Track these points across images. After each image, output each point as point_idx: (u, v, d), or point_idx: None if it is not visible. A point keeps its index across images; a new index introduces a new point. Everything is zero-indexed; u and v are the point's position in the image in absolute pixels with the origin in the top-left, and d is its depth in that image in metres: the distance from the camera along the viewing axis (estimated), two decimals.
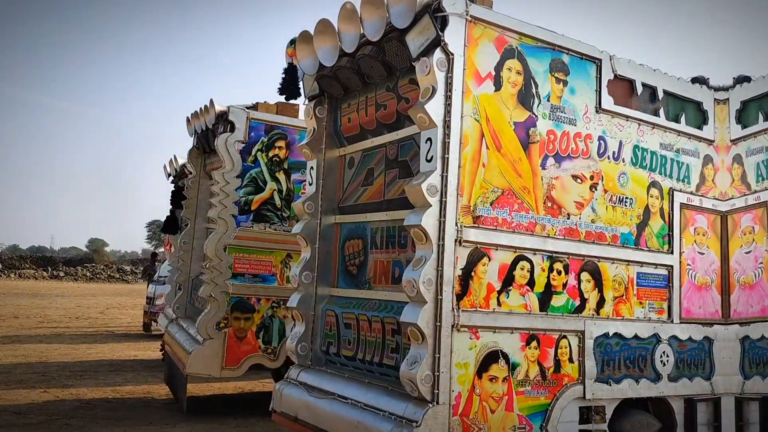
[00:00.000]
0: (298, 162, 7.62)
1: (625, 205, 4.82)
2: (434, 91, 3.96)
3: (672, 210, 5.05)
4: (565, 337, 4.40)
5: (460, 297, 3.96)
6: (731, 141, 5.39)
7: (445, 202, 3.92)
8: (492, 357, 4.07)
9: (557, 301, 4.40)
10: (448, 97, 3.99)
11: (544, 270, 4.35)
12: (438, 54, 3.98)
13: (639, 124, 4.96)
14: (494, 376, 4.07)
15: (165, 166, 11.64)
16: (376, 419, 4.03)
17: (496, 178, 4.19)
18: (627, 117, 4.89)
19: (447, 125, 3.97)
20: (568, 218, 4.49)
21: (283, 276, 7.56)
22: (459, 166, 4.00)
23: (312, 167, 5.29)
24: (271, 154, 7.50)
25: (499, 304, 4.13)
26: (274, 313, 7.50)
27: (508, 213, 4.23)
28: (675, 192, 5.07)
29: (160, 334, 15.12)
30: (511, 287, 4.20)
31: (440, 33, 3.97)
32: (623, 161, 4.84)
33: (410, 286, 3.87)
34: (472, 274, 4.03)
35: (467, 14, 4.10)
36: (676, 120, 5.19)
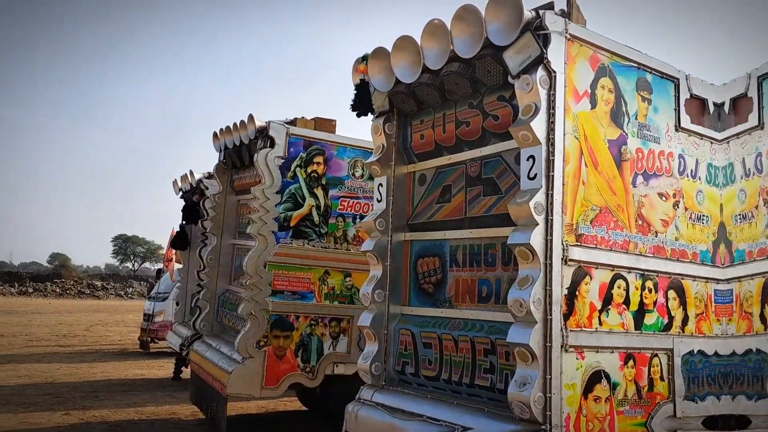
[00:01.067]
0: (335, 178, 7.52)
1: (703, 223, 4.81)
2: (537, 108, 3.91)
3: None
4: (656, 355, 4.37)
5: (566, 317, 3.89)
6: None
7: (551, 220, 3.85)
8: (596, 377, 4.01)
9: (649, 319, 4.36)
10: (551, 115, 3.94)
11: (637, 288, 4.32)
12: (541, 71, 3.93)
13: (711, 143, 4.98)
14: (598, 396, 4.00)
15: (176, 181, 11.42)
16: None
17: (595, 196, 4.14)
18: (701, 135, 4.90)
19: (551, 143, 3.92)
20: (656, 236, 4.47)
21: (321, 293, 7.40)
22: (563, 184, 3.95)
23: (381, 184, 5.18)
24: (309, 169, 7.36)
25: (600, 323, 4.08)
26: (313, 331, 7.34)
27: (605, 231, 4.18)
28: None
29: (160, 352, 14.83)
30: (610, 306, 4.15)
31: (544, 50, 3.92)
32: (699, 179, 4.84)
33: (518, 305, 3.78)
34: (576, 293, 3.97)
35: (567, 32, 4.07)
36: None
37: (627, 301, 4.24)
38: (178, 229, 11.63)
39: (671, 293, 4.51)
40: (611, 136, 4.29)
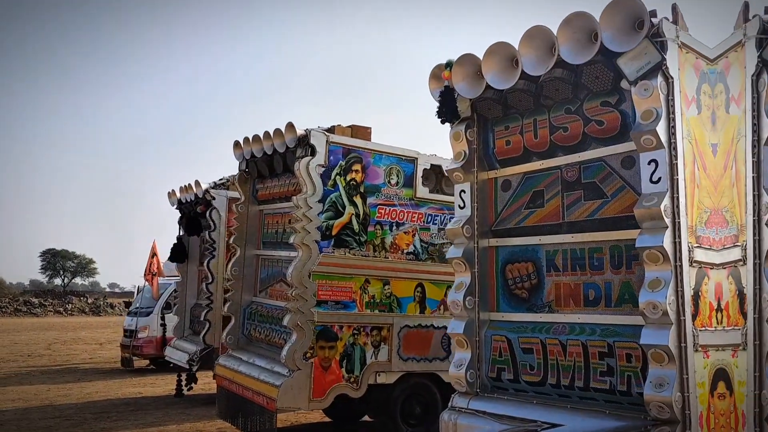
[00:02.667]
0: (372, 186, 7.43)
1: None
2: (658, 113, 3.96)
3: None
4: None
5: (693, 317, 3.95)
6: None
7: (679, 222, 3.91)
8: (719, 375, 4.07)
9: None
10: (671, 119, 4.00)
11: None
12: (660, 77, 3.99)
13: None
14: (722, 393, 4.07)
15: (173, 192, 11.06)
16: None
17: (706, 198, 4.22)
18: None
19: (673, 146, 3.98)
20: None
21: (362, 302, 7.29)
22: (685, 187, 4.01)
23: (463, 190, 5.15)
24: (348, 177, 7.24)
25: (718, 322, 4.15)
26: (356, 341, 7.22)
27: (715, 232, 4.26)
28: None
29: (144, 369, 14.28)
30: (723, 305, 4.23)
31: (664, 57, 3.98)
32: None
33: (651, 307, 3.81)
34: (699, 293, 4.03)
35: (678, 39, 4.14)
36: None
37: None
38: (176, 242, 11.29)
39: None
40: (713, 140, 4.38)
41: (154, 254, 14.12)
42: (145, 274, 14.42)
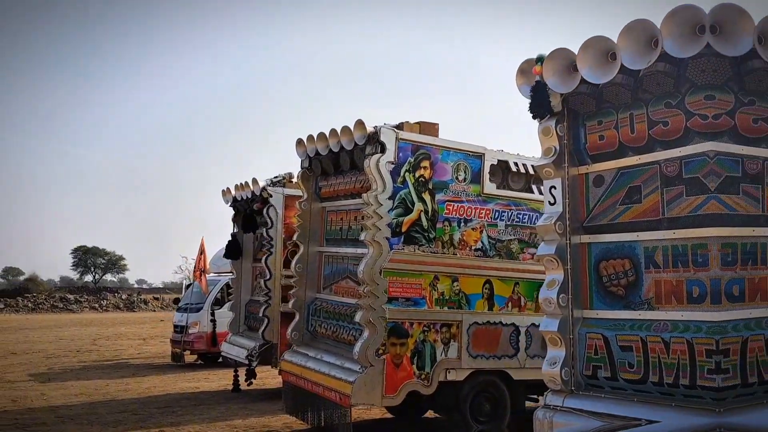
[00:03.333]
0: (440, 182, 7.36)
1: None
2: None
3: None
4: None
5: None
6: None
7: None
8: None
9: None
10: None
11: None
12: None
13: None
14: None
15: (228, 190, 11.10)
16: None
17: None
18: None
19: None
20: None
21: (431, 299, 7.23)
22: None
23: (554, 186, 5.05)
24: (417, 174, 7.18)
25: None
26: (426, 338, 7.16)
27: None
28: None
29: (195, 364, 14.39)
30: None
31: None
32: None
33: None
34: None
35: None
36: None
37: None
38: (230, 239, 11.33)
39: None
40: None
41: (202, 251, 14.22)
42: (194, 271, 14.53)
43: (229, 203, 11.24)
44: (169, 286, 65.84)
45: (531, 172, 8.02)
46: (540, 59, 4.92)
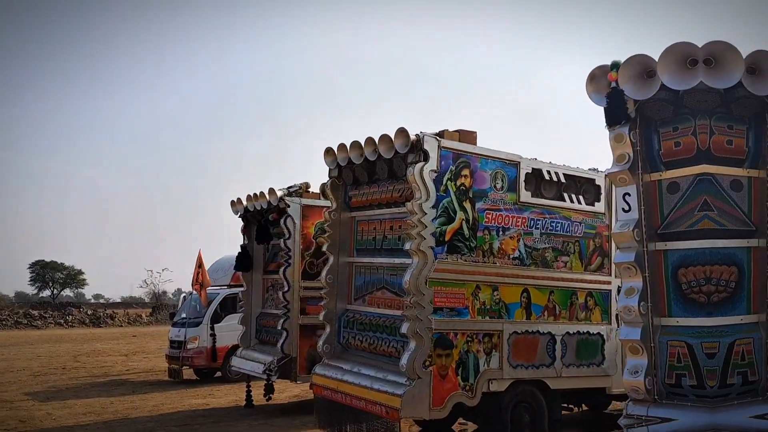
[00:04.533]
0: (479, 190, 7.30)
1: None
2: None
3: None
4: None
5: None
6: None
7: None
8: None
9: None
10: None
11: None
12: None
13: None
14: None
15: (239, 200, 10.86)
16: None
17: None
18: None
19: None
20: None
21: (474, 308, 7.15)
22: None
23: (628, 193, 5.03)
24: (458, 182, 7.10)
25: None
26: (469, 348, 7.07)
27: None
28: None
29: (194, 380, 14.00)
30: None
31: None
32: None
33: None
34: None
35: None
36: None
37: None
38: (241, 250, 11.09)
39: None
40: None
41: (200, 264, 13.90)
42: (192, 284, 14.19)
43: (239, 214, 11.00)
44: (129, 300, 64.20)
45: (562, 180, 8.02)
46: (615, 65, 4.90)
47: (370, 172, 7.67)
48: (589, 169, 8.39)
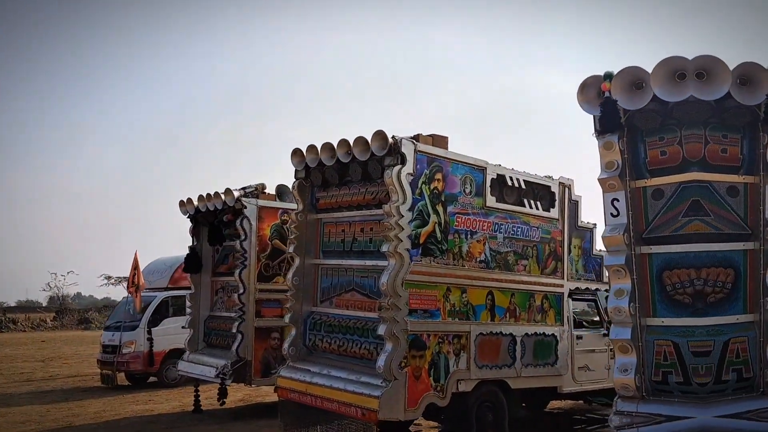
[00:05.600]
0: (451, 194, 7.35)
1: None
2: None
3: None
4: None
5: None
6: None
7: None
8: None
9: None
10: None
11: None
12: None
13: None
14: None
15: (189, 200, 10.48)
16: None
17: None
18: None
19: None
20: None
21: (445, 310, 7.18)
22: None
23: (617, 199, 5.19)
24: (432, 186, 7.12)
25: None
26: (441, 350, 7.10)
27: None
28: None
29: (128, 386, 13.36)
30: None
31: None
32: None
33: None
34: None
35: None
36: None
37: None
38: (189, 252, 10.71)
39: None
40: None
41: (136, 266, 13.32)
42: (128, 287, 13.58)
43: (188, 215, 10.60)
44: (26, 304, 60.40)
45: (523, 186, 8.21)
46: (609, 76, 5.05)
47: (341, 173, 7.58)
48: (545, 176, 8.62)
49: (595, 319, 9.71)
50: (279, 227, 9.89)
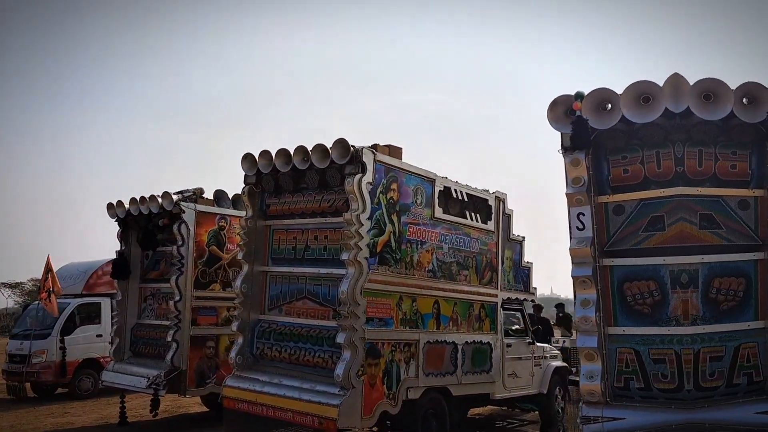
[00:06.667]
0: (404, 204, 7.34)
1: None
2: None
3: None
4: None
5: None
6: None
7: None
8: None
9: None
10: None
11: None
12: None
13: None
14: None
15: (120, 203, 9.87)
16: None
17: None
18: None
19: None
20: None
21: (398, 319, 7.13)
22: None
23: (582, 213, 5.35)
24: (388, 196, 7.07)
25: None
26: (393, 357, 7.03)
27: None
28: None
29: (37, 398, 12.35)
30: None
31: None
32: None
33: None
34: None
35: None
36: None
37: None
38: (117, 257, 10.09)
39: None
40: None
41: (49, 270, 12.40)
42: (40, 293, 12.60)
43: (116, 218, 9.98)
44: None
45: (465, 199, 8.32)
46: (579, 96, 5.22)
47: (296, 180, 7.39)
48: (483, 190, 8.77)
49: (518, 327, 9.93)
50: (216, 233, 9.51)
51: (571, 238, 5.41)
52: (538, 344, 9.87)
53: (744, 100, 4.86)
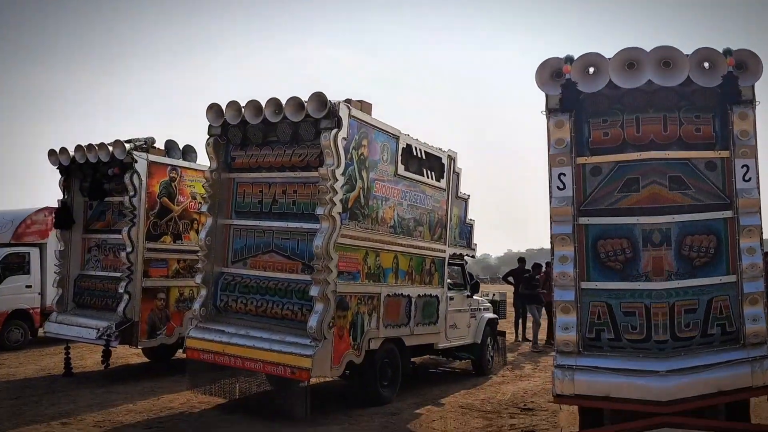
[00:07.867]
0: (373, 161, 7.09)
1: None
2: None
3: None
4: None
5: None
6: None
7: None
8: None
9: None
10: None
11: None
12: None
13: None
14: None
15: (63, 150, 9.02)
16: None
17: None
18: None
19: None
20: None
21: (364, 273, 6.93)
22: None
23: (564, 173, 5.29)
24: (359, 152, 6.79)
25: None
26: (359, 310, 6.85)
27: None
28: None
29: None
30: None
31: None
32: None
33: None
34: None
35: None
36: None
37: None
38: (60, 206, 9.27)
39: None
40: None
41: None
42: None
43: (58, 165, 9.11)
44: None
45: (423, 156, 8.16)
46: (569, 59, 5.12)
47: (265, 133, 6.95)
48: (438, 149, 8.63)
49: (458, 281, 9.97)
50: (168, 184, 8.89)
51: (551, 197, 5.35)
52: (474, 297, 9.97)
53: (704, 65, 4.91)
